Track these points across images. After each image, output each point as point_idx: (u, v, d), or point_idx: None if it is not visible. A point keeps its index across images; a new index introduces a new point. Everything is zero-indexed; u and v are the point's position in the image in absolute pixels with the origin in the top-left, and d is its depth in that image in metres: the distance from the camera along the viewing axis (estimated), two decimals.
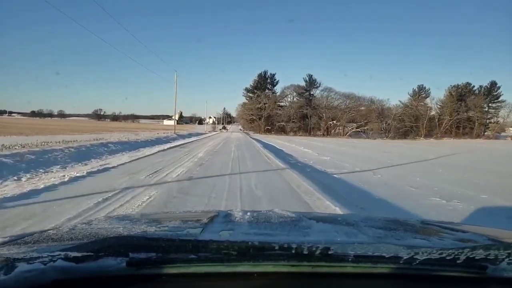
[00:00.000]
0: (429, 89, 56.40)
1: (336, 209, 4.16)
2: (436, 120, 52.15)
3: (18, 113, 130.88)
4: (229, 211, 1.20)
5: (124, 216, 1.29)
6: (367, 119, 53.31)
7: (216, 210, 1.81)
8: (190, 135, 31.58)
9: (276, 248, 0.64)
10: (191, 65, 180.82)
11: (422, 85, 57.39)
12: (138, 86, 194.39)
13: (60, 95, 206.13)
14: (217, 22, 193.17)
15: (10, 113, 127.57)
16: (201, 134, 40.76)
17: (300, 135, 52.21)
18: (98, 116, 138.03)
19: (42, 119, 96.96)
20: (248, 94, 61.28)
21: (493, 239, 0.94)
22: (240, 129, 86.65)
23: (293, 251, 0.63)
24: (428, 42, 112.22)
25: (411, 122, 51.78)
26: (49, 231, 0.98)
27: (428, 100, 55.51)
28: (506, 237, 1.03)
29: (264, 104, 56.32)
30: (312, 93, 57.62)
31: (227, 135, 40.63)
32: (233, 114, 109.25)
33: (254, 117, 57.54)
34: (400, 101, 57.38)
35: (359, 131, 53.52)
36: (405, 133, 51.64)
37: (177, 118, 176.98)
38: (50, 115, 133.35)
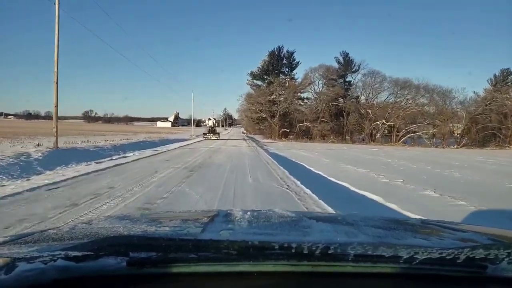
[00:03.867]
0: None
1: None
2: None
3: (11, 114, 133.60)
4: (229, 211, 1.23)
5: (125, 215, 1.33)
6: (432, 118, 38.66)
7: (217, 209, 1.81)
8: (126, 150, 15.66)
9: (276, 247, 0.68)
10: (189, 64, 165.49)
11: (508, 69, 38.08)
12: (135, 88, 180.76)
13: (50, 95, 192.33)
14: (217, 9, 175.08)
15: (7, 115, 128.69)
16: (172, 143, 21.18)
17: (331, 141, 33.15)
18: (89, 118, 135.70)
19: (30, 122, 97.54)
20: (255, 81, 43.06)
21: (493, 239, 0.96)
22: (243, 133, 67.64)
23: (293, 251, 0.67)
24: None
25: (499, 123, 37.39)
26: (49, 231, 1.04)
27: None
28: (506, 236, 1.04)
29: (280, 95, 36.98)
30: (348, 79, 38.55)
31: (216, 148, 20.30)
32: (235, 116, 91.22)
33: (263, 115, 38.38)
34: (474, 92, 38.26)
35: (420, 136, 39.30)
36: (484, 139, 38.07)
37: (172, 120, 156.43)
38: (47, 117, 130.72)
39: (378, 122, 39.62)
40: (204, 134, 36.76)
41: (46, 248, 0.77)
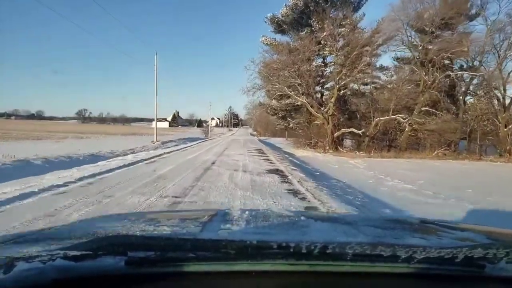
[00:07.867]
0: None
1: None
2: None
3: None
4: (227, 210, 1.23)
5: (123, 215, 1.35)
6: None
7: (215, 209, 1.80)
8: None
9: (274, 247, 0.68)
10: (191, 58, 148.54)
11: None
12: (133, 87, 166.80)
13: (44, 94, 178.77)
14: None
15: (9, 116, 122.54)
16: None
17: (440, 154, 10.45)
18: (83, 118, 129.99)
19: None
20: (278, 37, 21.26)
21: (491, 238, 0.96)
22: (252, 134, 47.28)
23: (291, 250, 0.68)
24: None
25: None
26: (48, 230, 1.04)
27: None
28: (504, 236, 1.04)
29: (334, 64, 15.81)
30: (465, 30, 17.11)
31: None
32: (242, 116, 72.68)
33: (300, 99, 16.31)
34: None
35: None
36: None
37: (170, 119, 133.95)
38: (50, 118, 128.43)
39: None
40: None
41: (45, 247, 0.77)
